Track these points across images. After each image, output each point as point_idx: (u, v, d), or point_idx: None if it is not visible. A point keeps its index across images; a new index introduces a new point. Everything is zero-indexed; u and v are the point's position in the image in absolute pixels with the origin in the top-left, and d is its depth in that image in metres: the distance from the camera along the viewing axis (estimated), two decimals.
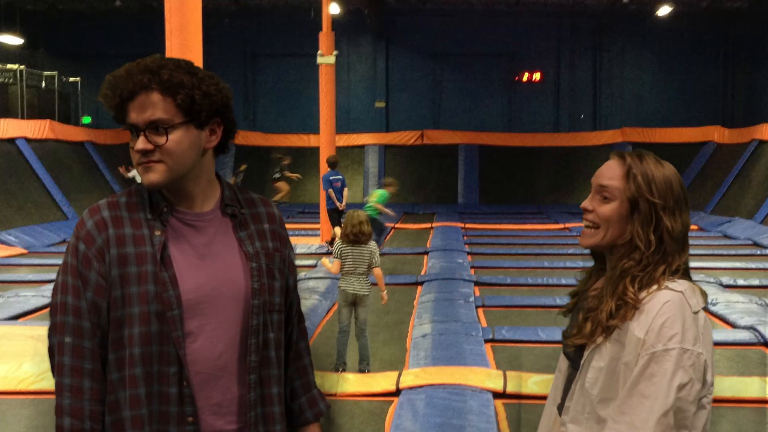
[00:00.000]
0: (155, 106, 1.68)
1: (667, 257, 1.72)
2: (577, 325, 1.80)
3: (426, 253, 12.92)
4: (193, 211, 1.78)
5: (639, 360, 1.64)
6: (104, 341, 1.71)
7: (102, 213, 1.73)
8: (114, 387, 1.70)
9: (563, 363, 1.91)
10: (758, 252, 13.60)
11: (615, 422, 1.65)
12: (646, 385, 1.62)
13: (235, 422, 1.78)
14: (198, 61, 6.19)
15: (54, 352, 1.71)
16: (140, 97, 1.69)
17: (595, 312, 1.74)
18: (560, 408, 1.88)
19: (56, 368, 1.70)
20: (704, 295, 1.75)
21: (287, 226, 2.01)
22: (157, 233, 1.72)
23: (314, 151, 18.41)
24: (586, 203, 1.80)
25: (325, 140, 14.06)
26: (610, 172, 1.78)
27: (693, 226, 17.45)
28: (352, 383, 5.79)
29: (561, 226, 17.30)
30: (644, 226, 1.72)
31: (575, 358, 1.83)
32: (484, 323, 7.90)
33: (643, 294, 1.70)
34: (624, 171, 1.76)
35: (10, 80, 17.70)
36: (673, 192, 1.74)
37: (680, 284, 1.70)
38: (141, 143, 1.69)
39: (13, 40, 20.45)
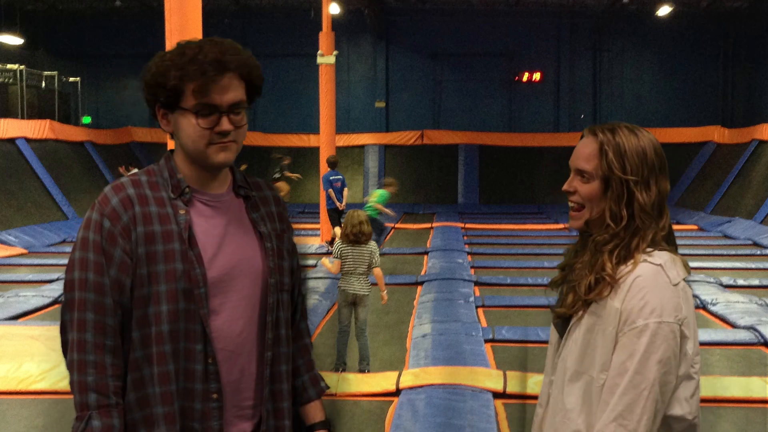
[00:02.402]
0: (236, 89, 1.74)
1: (639, 230, 1.75)
2: (562, 297, 1.85)
3: (426, 253, 12.92)
4: (212, 192, 1.82)
5: (620, 337, 1.67)
6: (124, 319, 1.71)
7: (127, 190, 1.73)
8: (139, 364, 1.70)
9: (553, 336, 1.94)
10: (758, 252, 13.59)
11: (604, 404, 1.67)
12: (629, 362, 1.65)
13: (252, 398, 1.82)
14: None
15: (69, 327, 1.69)
16: (225, 78, 1.72)
17: (577, 284, 1.78)
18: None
19: (76, 344, 1.67)
20: (686, 266, 1.77)
21: None
22: (182, 212, 1.75)
23: (314, 151, 18.43)
24: (567, 186, 1.84)
25: (325, 140, 14.07)
26: (585, 152, 1.81)
27: (693, 226, 17.46)
28: (352, 383, 5.78)
29: (561, 226, 17.29)
30: (617, 203, 1.76)
31: (561, 332, 1.86)
32: (484, 323, 7.90)
33: (622, 268, 1.72)
34: (597, 148, 1.79)
35: (10, 80, 17.70)
36: (647, 162, 1.76)
37: (660, 256, 1.72)
38: (227, 124, 1.73)
39: (13, 40, 20.44)
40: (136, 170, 19.34)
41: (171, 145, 1.89)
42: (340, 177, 12.95)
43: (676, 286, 1.70)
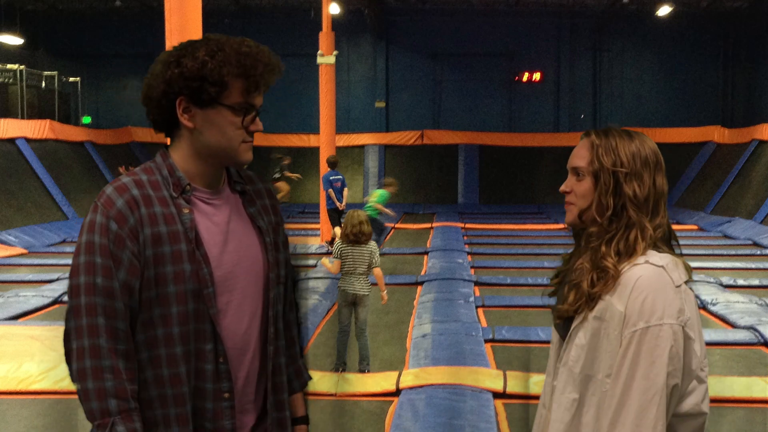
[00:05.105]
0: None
1: (634, 223, 1.75)
2: (563, 297, 1.83)
3: (426, 253, 12.92)
4: (210, 189, 1.81)
5: (623, 340, 1.66)
6: (133, 322, 1.69)
7: (132, 191, 1.70)
8: (142, 366, 1.69)
9: (555, 337, 1.93)
10: (758, 252, 13.59)
11: (608, 409, 1.66)
12: (632, 367, 1.64)
13: (254, 392, 1.83)
14: None
15: (77, 334, 1.64)
16: (271, 81, 1.80)
17: (578, 282, 1.77)
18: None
19: (89, 350, 1.62)
20: (688, 269, 1.76)
21: (287, 226, 2.04)
22: (186, 211, 1.74)
23: (314, 151, 18.42)
24: (563, 186, 1.87)
25: (325, 140, 14.07)
26: (579, 152, 1.84)
27: (693, 226, 17.45)
28: (352, 383, 5.78)
29: (561, 226, 17.29)
30: (604, 194, 1.77)
31: (563, 333, 1.85)
32: (484, 323, 7.90)
33: (624, 265, 1.71)
34: (589, 146, 1.82)
35: (10, 80, 17.69)
36: (640, 156, 1.78)
37: (662, 258, 1.72)
38: (260, 124, 1.80)
39: (13, 40, 20.43)
40: (135, 170, 19.60)
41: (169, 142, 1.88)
42: (340, 177, 12.95)
43: (678, 288, 1.68)
